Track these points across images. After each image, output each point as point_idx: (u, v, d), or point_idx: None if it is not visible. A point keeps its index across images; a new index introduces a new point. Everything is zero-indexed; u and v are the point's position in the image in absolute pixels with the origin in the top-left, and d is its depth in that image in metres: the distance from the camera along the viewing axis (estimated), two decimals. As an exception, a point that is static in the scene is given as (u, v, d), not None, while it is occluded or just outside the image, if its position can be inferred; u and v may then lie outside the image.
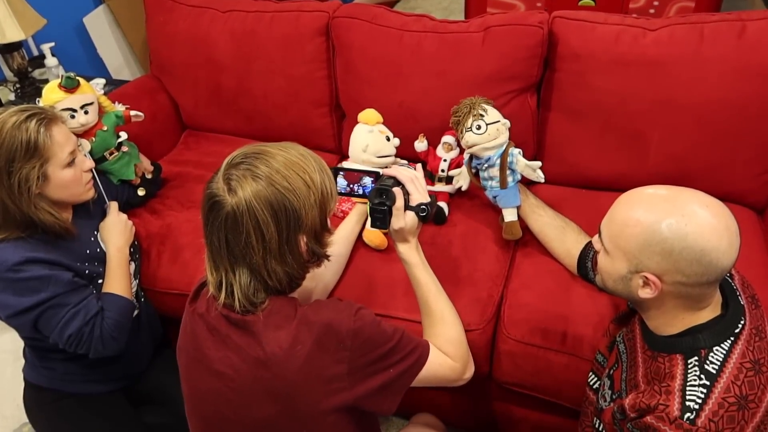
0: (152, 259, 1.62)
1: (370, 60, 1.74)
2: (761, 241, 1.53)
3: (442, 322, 1.17)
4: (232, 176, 0.94)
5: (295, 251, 0.98)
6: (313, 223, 0.99)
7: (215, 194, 0.94)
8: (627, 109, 1.57)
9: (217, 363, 1.00)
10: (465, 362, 1.16)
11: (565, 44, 1.59)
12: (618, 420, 1.03)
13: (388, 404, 1.03)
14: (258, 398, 0.98)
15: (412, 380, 1.05)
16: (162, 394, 1.61)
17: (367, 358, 0.98)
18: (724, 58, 1.48)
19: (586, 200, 1.67)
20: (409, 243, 1.18)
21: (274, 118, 1.96)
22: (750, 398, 0.88)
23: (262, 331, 0.97)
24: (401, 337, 1.03)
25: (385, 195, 1.14)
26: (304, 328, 0.97)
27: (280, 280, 0.99)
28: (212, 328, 1.01)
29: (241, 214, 0.92)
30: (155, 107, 2.05)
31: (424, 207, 1.15)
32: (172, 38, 1.98)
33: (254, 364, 0.97)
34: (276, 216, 0.94)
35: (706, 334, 0.93)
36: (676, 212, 0.89)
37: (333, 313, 0.99)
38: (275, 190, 0.93)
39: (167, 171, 1.89)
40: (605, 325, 1.25)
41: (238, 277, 0.97)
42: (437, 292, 1.19)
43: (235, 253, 0.96)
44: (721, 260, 0.88)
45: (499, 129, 1.42)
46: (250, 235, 0.93)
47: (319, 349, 0.96)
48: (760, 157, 1.56)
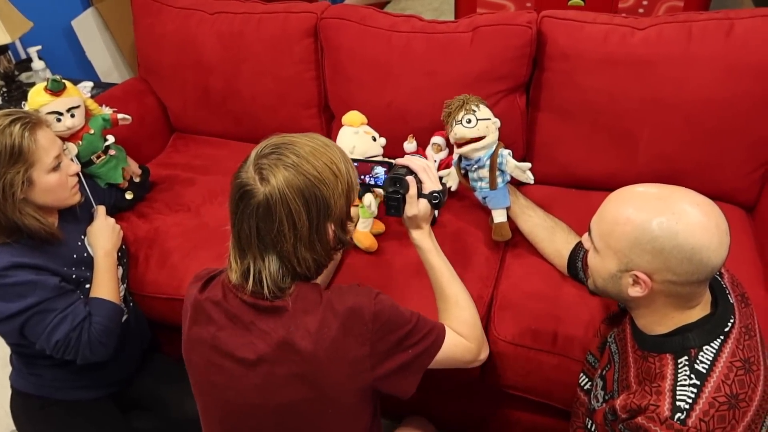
0: (140, 263, 1.61)
1: (358, 61, 1.73)
2: (751, 239, 1.53)
3: (456, 305, 1.20)
4: (264, 165, 0.95)
5: (324, 239, 1.01)
6: (341, 212, 1.02)
7: (246, 183, 0.96)
8: (616, 108, 1.57)
9: (240, 350, 1.01)
10: (480, 343, 1.19)
11: (553, 44, 1.59)
12: (609, 421, 1.02)
13: (407, 385, 1.06)
14: (285, 381, 1.00)
15: (431, 361, 1.08)
16: (151, 398, 1.59)
17: (388, 340, 1.01)
18: (712, 57, 1.48)
19: (576, 200, 1.67)
20: (422, 229, 1.22)
21: (263, 119, 1.95)
22: (741, 397, 0.88)
23: (291, 316, 0.99)
24: (418, 320, 1.06)
25: (399, 183, 1.18)
26: (329, 312, 1.00)
27: (309, 267, 1.02)
28: (232, 316, 1.03)
29: (274, 203, 0.94)
30: (143, 110, 2.03)
31: (437, 194, 1.19)
32: (160, 40, 1.96)
33: (282, 348, 0.99)
34: (308, 205, 0.96)
35: (695, 333, 0.93)
36: (667, 210, 0.88)
37: (355, 297, 1.02)
38: (306, 180, 0.95)
39: (156, 174, 1.87)
40: (596, 325, 1.24)
41: (267, 264, 0.99)
42: (450, 276, 1.22)
43: (266, 241, 0.98)
44: (711, 259, 0.87)
45: (489, 127, 1.42)
46: (283, 223, 0.95)
47: (345, 332, 0.99)
48: (749, 155, 1.56)
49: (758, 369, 0.92)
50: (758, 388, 0.90)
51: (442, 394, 1.57)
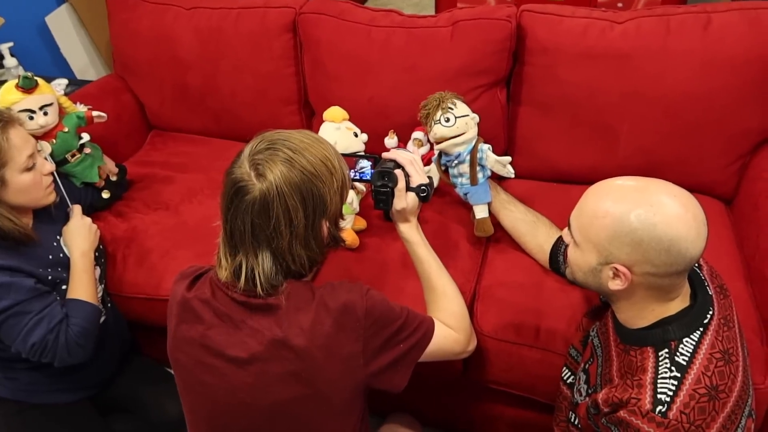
0: (118, 263, 1.58)
1: (338, 56, 1.72)
2: (729, 231, 1.54)
3: (444, 297, 1.20)
4: (260, 161, 0.94)
5: (318, 236, 1.01)
6: (336, 209, 1.02)
7: (240, 179, 0.95)
8: (596, 102, 1.58)
9: (231, 348, 1.00)
10: (468, 334, 1.20)
11: (533, 38, 1.59)
12: (592, 415, 1.02)
13: (398, 379, 1.06)
14: (278, 379, 0.99)
15: (421, 354, 1.08)
16: (131, 400, 1.57)
17: (380, 336, 1.02)
18: (690, 51, 1.49)
19: (557, 194, 1.67)
20: (410, 222, 1.22)
21: (243, 116, 1.93)
22: (720, 388, 0.88)
23: (284, 313, 0.99)
24: (408, 314, 1.07)
25: (387, 177, 1.18)
26: (322, 309, 0.99)
27: (303, 265, 1.01)
28: (222, 314, 1.01)
29: (272, 199, 0.93)
30: (119, 107, 2.00)
31: (425, 188, 1.19)
32: (136, 36, 1.93)
33: (275, 345, 0.98)
34: (304, 201, 0.95)
35: (675, 326, 0.93)
36: (645, 203, 0.89)
37: (347, 293, 1.01)
38: (303, 176, 0.95)
39: (133, 172, 1.84)
40: (578, 319, 1.25)
41: (261, 261, 0.98)
42: (438, 269, 1.23)
43: (260, 238, 0.96)
44: (689, 250, 0.88)
45: (468, 123, 1.41)
46: (279, 220, 0.95)
47: (338, 329, 0.98)
48: (727, 148, 1.57)
49: (737, 360, 0.92)
50: (737, 379, 0.91)
51: (426, 390, 1.57)
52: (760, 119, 1.53)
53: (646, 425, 0.87)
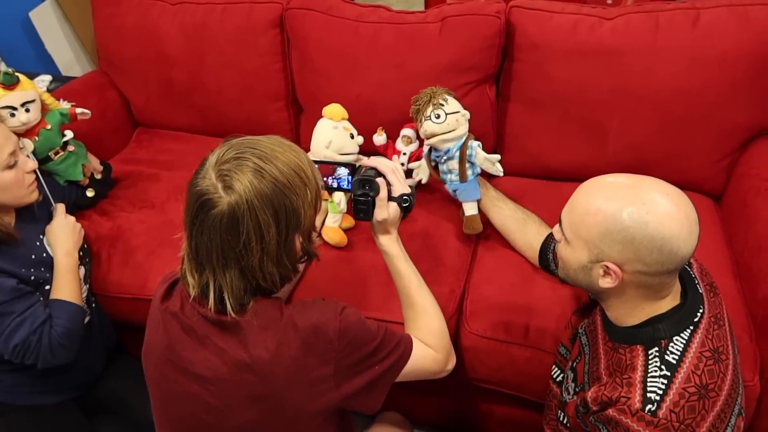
0: (102, 262, 1.56)
1: (326, 52, 1.70)
2: (718, 228, 1.54)
3: (424, 314, 1.15)
4: (227, 172, 0.87)
5: (291, 252, 0.95)
6: (309, 223, 0.96)
7: (206, 191, 0.88)
8: (585, 98, 1.57)
9: (194, 365, 0.95)
10: (448, 353, 1.15)
11: (522, 34, 1.57)
12: (581, 413, 1.02)
13: (373, 402, 1.01)
14: (241, 402, 0.95)
15: (398, 375, 1.04)
16: (117, 402, 1.55)
17: (354, 358, 0.96)
18: (679, 47, 1.48)
19: (547, 191, 1.66)
20: (390, 234, 1.16)
21: (229, 113, 1.90)
22: (710, 387, 0.88)
23: (249, 333, 0.93)
24: (385, 333, 1.01)
25: (369, 186, 1.12)
26: (290, 329, 0.94)
27: (274, 282, 0.96)
28: (188, 329, 0.97)
29: (242, 214, 0.87)
30: (104, 104, 1.97)
31: (407, 198, 1.14)
32: (120, 32, 1.90)
33: (238, 367, 0.93)
34: (277, 216, 0.89)
35: (665, 324, 0.93)
36: (637, 200, 0.88)
37: (319, 313, 0.96)
38: (275, 188, 0.88)
39: (118, 170, 1.82)
40: (567, 317, 1.24)
41: (228, 280, 0.91)
42: (418, 284, 1.17)
43: (229, 256, 0.90)
44: (681, 249, 0.87)
45: (459, 120, 1.40)
46: (250, 236, 0.88)
47: (306, 351, 0.93)
48: (716, 144, 1.57)
49: (727, 358, 0.92)
50: (727, 378, 0.91)
51: (415, 389, 1.55)
52: (748, 115, 1.53)
53: (636, 424, 0.87)
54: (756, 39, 1.45)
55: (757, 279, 1.31)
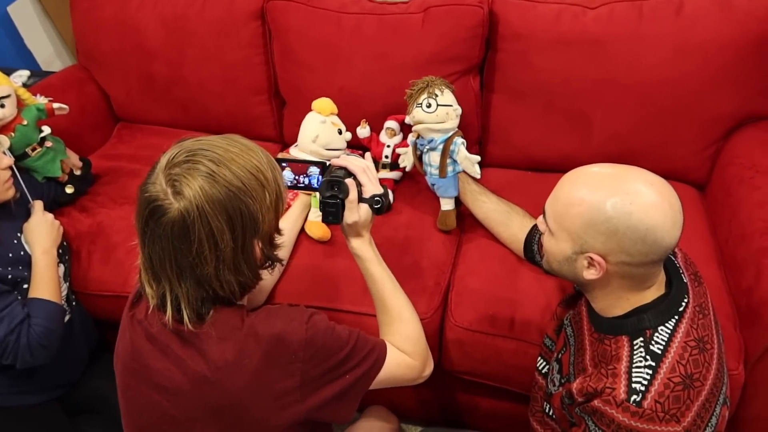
0: (82, 260, 1.53)
1: (308, 44, 1.68)
2: (703, 217, 1.54)
3: (399, 319, 1.11)
4: (177, 176, 0.83)
5: (250, 259, 0.90)
6: (269, 227, 0.91)
7: (155, 198, 0.83)
8: (569, 88, 1.56)
9: (157, 375, 0.92)
10: (424, 360, 1.11)
11: (505, 24, 1.56)
12: (566, 405, 1.01)
13: (344, 412, 0.97)
14: (202, 416, 0.91)
15: (370, 384, 1.00)
16: (100, 401, 1.53)
17: (321, 368, 0.92)
18: (663, 36, 1.48)
19: (532, 182, 1.66)
20: (362, 237, 1.11)
21: (211, 107, 1.88)
22: (695, 377, 0.87)
23: (206, 344, 0.89)
24: (357, 340, 0.97)
25: (337, 187, 1.06)
26: (251, 340, 0.89)
27: (233, 291, 0.90)
28: (151, 337, 0.93)
29: (192, 221, 0.82)
30: (84, 99, 1.94)
31: (378, 198, 1.08)
32: (99, 25, 1.87)
33: (197, 380, 0.89)
34: (231, 222, 0.84)
35: (650, 314, 0.92)
36: (620, 191, 0.87)
37: (283, 322, 0.91)
38: (229, 192, 0.83)
39: (99, 166, 1.79)
40: (553, 308, 1.23)
41: (185, 290, 0.87)
42: (393, 288, 1.13)
43: (182, 265, 0.85)
44: (665, 239, 0.86)
45: (449, 113, 1.38)
46: (203, 243, 0.83)
47: (269, 363, 0.89)
48: (700, 134, 1.57)
49: (712, 348, 0.92)
50: (712, 367, 0.90)
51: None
52: (732, 104, 1.53)
53: (621, 414, 0.86)
54: (739, 28, 1.44)
55: (741, 268, 1.31)
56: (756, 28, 1.44)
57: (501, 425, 1.47)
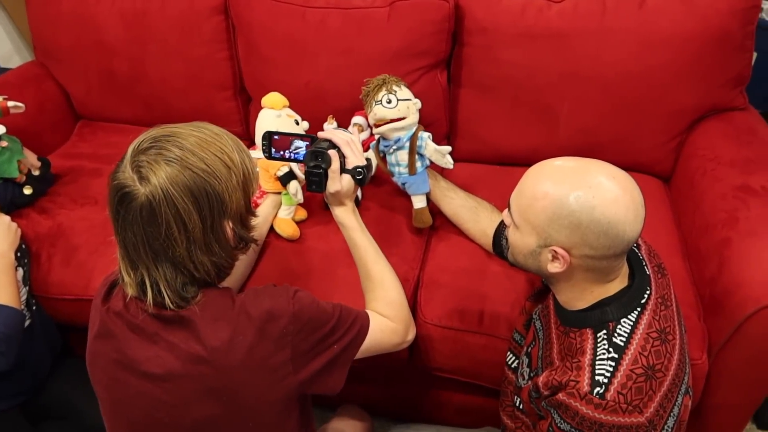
0: (42, 263, 1.49)
1: (272, 39, 1.65)
2: (668, 209, 1.56)
3: (381, 285, 1.16)
4: (142, 163, 0.86)
5: (222, 239, 0.93)
6: (238, 207, 0.93)
7: (124, 185, 0.86)
8: (535, 82, 1.56)
9: (145, 364, 0.93)
10: (407, 324, 1.16)
11: (471, 18, 1.56)
12: (534, 398, 1.01)
13: (334, 381, 1.01)
14: (197, 397, 0.92)
15: (357, 351, 1.04)
16: (64, 407, 1.49)
17: (311, 340, 0.96)
18: (626, 29, 1.49)
19: (500, 177, 1.65)
20: (345, 206, 1.17)
21: (175, 104, 1.84)
22: (657, 368, 0.88)
23: (199, 325, 0.91)
24: (341, 312, 1.01)
25: (321, 158, 1.12)
26: (243, 318, 0.92)
27: (207, 271, 0.93)
28: (135, 327, 0.94)
29: (158, 204, 0.85)
30: (42, 96, 1.88)
31: (361, 170, 1.14)
32: (56, 20, 1.81)
33: (192, 361, 0.91)
34: (198, 202, 0.87)
35: (613, 307, 0.93)
36: (584, 184, 0.87)
37: (271, 299, 0.95)
38: (194, 174, 0.86)
39: (59, 165, 1.74)
40: (522, 303, 1.24)
41: (162, 273, 0.90)
42: (376, 255, 1.18)
43: (155, 248, 0.88)
44: (627, 232, 0.87)
45: (410, 107, 1.37)
46: (171, 225, 0.86)
47: (262, 338, 0.92)
48: (664, 126, 1.59)
49: (674, 339, 0.92)
50: (674, 358, 0.91)
51: (372, 380, 1.54)
52: (695, 97, 1.55)
53: (585, 407, 0.87)
54: (700, 21, 1.46)
55: (704, 259, 1.32)
56: (717, 22, 1.45)
57: (472, 420, 1.47)
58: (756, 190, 1.33)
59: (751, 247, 1.22)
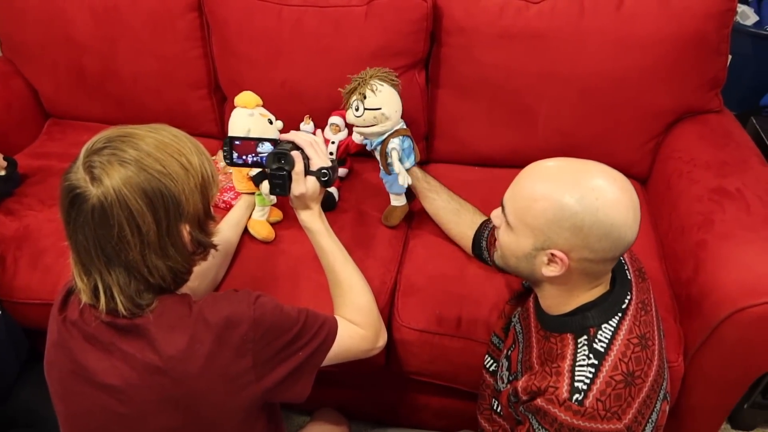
0: (8, 266, 1.44)
1: (247, 37, 1.62)
2: (644, 211, 1.53)
3: (350, 290, 1.14)
4: (95, 163, 0.83)
5: (178, 243, 0.90)
6: (195, 210, 0.90)
7: (75, 186, 0.84)
8: (513, 83, 1.56)
9: (101, 375, 0.89)
10: (377, 330, 1.14)
11: (449, 18, 1.54)
12: (512, 403, 1.01)
13: (300, 388, 0.99)
14: (155, 408, 0.89)
15: (323, 358, 1.01)
16: (31, 414, 1.45)
17: (273, 347, 0.93)
18: (603, 30, 1.49)
19: (479, 178, 1.65)
20: (311, 210, 1.14)
21: (148, 102, 1.79)
22: (636, 374, 0.87)
23: (155, 334, 0.88)
24: (306, 317, 0.99)
25: (284, 159, 1.09)
26: (201, 325, 0.89)
27: (163, 277, 0.90)
28: (90, 337, 0.90)
29: (110, 205, 0.82)
30: (9, 94, 1.83)
31: (326, 171, 1.12)
32: (22, 15, 1.75)
33: (148, 371, 0.88)
34: (152, 204, 0.84)
35: (594, 312, 0.92)
36: (585, 186, 0.85)
37: (230, 305, 0.92)
38: (148, 175, 0.84)
39: (27, 165, 1.69)
40: (500, 306, 1.23)
41: (115, 278, 0.87)
42: (344, 260, 1.16)
43: (108, 252, 0.85)
44: (627, 234, 0.86)
45: (377, 118, 1.32)
46: (123, 228, 0.84)
47: (220, 346, 0.89)
48: (641, 127, 1.59)
49: (653, 344, 0.92)
50: (654, 363, 0.91)
51: (349, 384, 1.52)
52: (671, 98, 1.55)
53: (563, 414, 0.86)
54: (676, 23, 1.46)
55: (680, 260, 1.33)
56: (693, 25, 1.46)
57: (450, 423, 1.46)
58: (731, 192, 1.34)
59: (727, 250, 1.23)
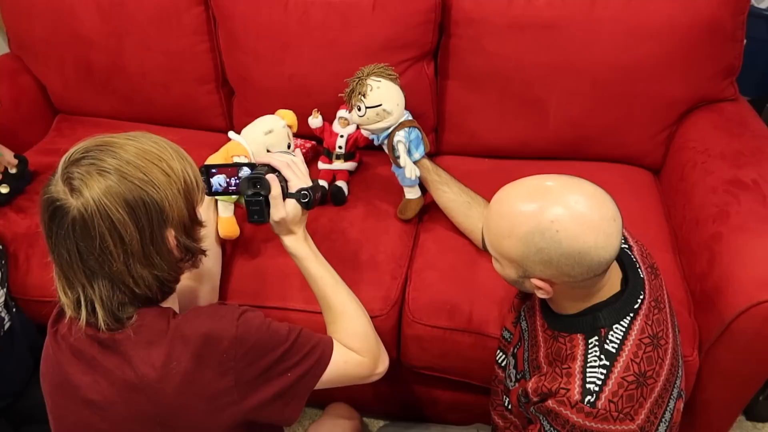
0: (20, 264, 1.45)
1: (254, 31, 1.60)
2: (658, 202, 1.54)
3: (343, 316, 1.09)
4: (74, 174, 0.82)
5: (163, 250, 0.87)
6: (180, 216, 0.88)
7: (55, 198, 0.82)
8: (524, 74, 1.53)
9: (85, 390, 0.88)
10: (375, 356, 1.08)
11: (458, 8, 1.52)
12: (523, 403, 1.00)
13: (289, 412, 0.95)
14: (135, 426, 0.88)
15: (315, 382, 0.97)
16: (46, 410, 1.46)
17: (257, 366, 0.89)
18: (615, 19, 1.46)
19: (489, 170, 1.64)
20: (295, 234, 1.09)
21: (156, 97, 1.79)
22: (648, 374, 0.87)
23: (132, 350, 0.86)
24: (297, 337, 0.94)
25: (259, 184, 1.04)
26: (178, 342, 0.87)
27: (149, 286, 0.87)
28: (76, 351, 0.89)
29: (90, 217, 0.80)
30: (18, 91, 1.83)
31: (306, 192, 1.06)
32: (30, 10, 1.74)
33: (125, 388, 0.86)
34: (134, 213, 0.83)
35: (605, 313, 0.90)
36: (544, 219, 0.83)
37: (212, 321, 0.89)
38: (129, 184, 0.82)
39: (37, 162, 1.69)
40: (510, 300, 1.22)
41: (98, 292, 0.85)
42: (335, 284, 1.11)
43: (91, 264, 0.83)
44: (601, 255, 0.83)
45: (380, 114, 1.31)
46: (105, 239, 0.82)
47: (199, 364, 0.86)
48: (654, 117, 1.57)
49: (666, 343, 0.91)
50: (666, 362, 0.90)
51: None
52: (684, 88, 1.53)
53: (575, 415, 0.85)
54: (691, 11, 1.43)
55: (694, 253, 1.31)
56: (708, 12, 1.43)
57: (462, 417, 1.46)
58: (747, 183, 1.32)
59: (742, 243, 1.21)
